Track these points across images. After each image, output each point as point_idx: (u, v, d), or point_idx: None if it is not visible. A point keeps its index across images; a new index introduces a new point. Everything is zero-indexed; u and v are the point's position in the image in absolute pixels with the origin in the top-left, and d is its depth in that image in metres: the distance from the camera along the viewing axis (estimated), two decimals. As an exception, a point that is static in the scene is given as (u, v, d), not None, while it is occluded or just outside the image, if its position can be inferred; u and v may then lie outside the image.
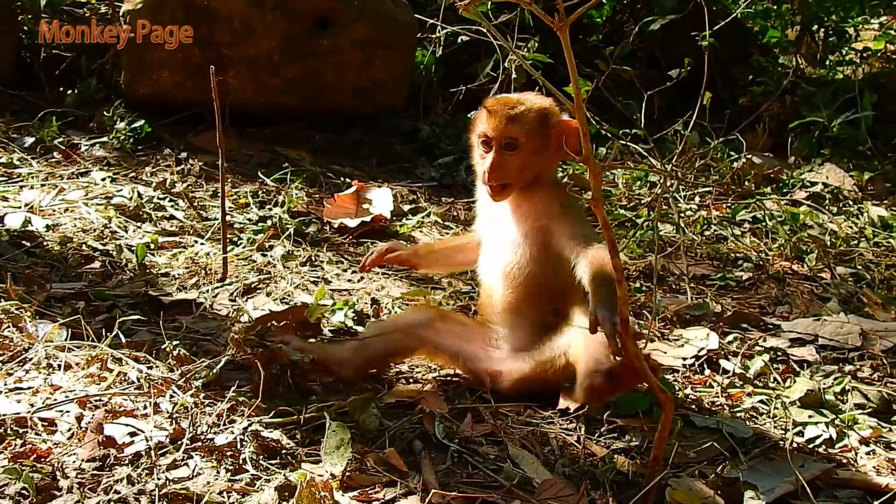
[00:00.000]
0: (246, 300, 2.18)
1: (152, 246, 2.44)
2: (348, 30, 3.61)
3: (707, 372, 2.00)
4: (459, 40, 4.10)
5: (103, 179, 3.01)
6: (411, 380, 1.87)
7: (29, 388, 1.61)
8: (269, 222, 2.67)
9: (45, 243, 2.39)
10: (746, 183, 3.63)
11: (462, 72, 4.21)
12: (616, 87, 4.81)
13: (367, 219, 2.76)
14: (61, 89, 3.94)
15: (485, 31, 3.94)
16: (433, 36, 4.13)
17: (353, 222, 2.73)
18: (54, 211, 2.64)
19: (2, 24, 3.84)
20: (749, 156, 3.89)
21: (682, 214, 3.11)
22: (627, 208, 3.25)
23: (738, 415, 1.78)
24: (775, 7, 5.47)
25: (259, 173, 3.19)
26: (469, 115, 3.95)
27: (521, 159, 1.79)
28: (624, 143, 3.92)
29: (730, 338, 2.16)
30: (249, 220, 2.75)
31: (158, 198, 2.84)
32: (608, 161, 3.85)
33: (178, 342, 1.78)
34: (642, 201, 3.35)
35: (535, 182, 1.82)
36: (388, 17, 3.65)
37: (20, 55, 3.98)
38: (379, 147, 3.70)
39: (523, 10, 3.79)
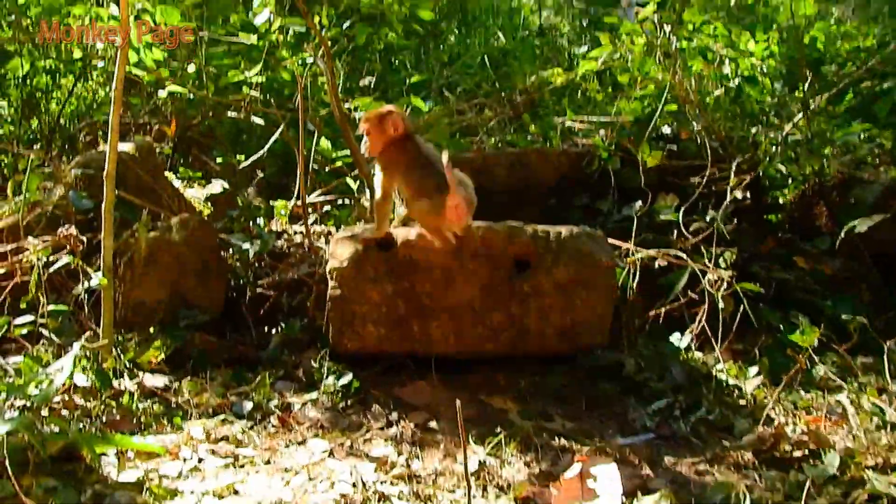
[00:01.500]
0: None
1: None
2: (548, 272, 3.60)
3: None
4: (657, 265, 4.02)
5: (323, 452, 3.04)
6: None
7: None
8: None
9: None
10: None
11: (657, 289, 4.12)
12: (815, 282, 4.58)
13: None
14: (266, 329, 4.16)
15: (680, 255, 3.97)
16: (628, 260, 4.07)
17: (584, 510, 2.59)
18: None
19: (215, 269, 4.13)
20: None
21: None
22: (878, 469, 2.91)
23: None
24: None
25: (471, 438, 3.12)
26: (670, 340, 3.84)
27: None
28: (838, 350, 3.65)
29: None
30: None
31: (381, 481, 2.81)
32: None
33: None
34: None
35: None
36: (587, 256, 3.62)
37: (228, 297, 4.23)
38: (584, 388, 3.60)
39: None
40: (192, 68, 5.80)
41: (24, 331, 3.64)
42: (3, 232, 4.17)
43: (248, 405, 3.38)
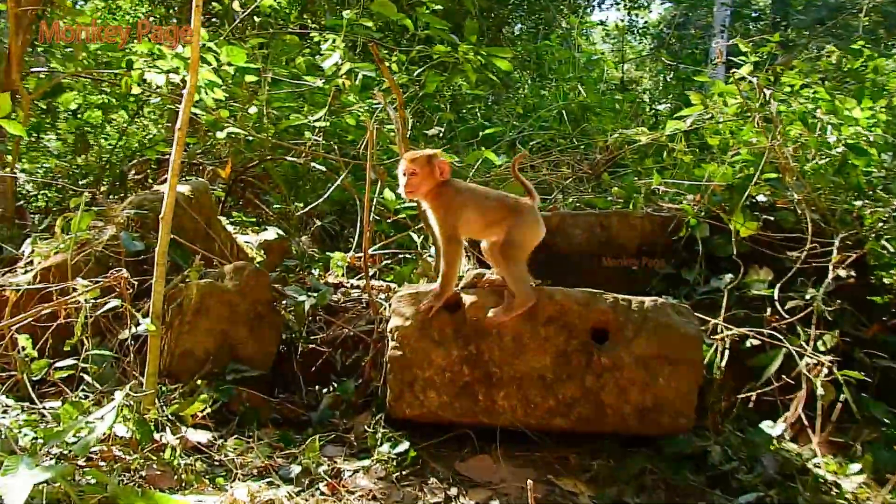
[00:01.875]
0: None
1: None
2: (628, 345, 3.61)
3: None
4: (748, 343, 3.99)
5: (373, 529, 3.05)
6: None
7: None
8: None
9: None
10: None
11: (748, 370, 4.08)
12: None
13: None
14: (317, 388, 4.22)
15: (775, 334, 3.93)
16: (716, 336, 4.05)
17: None
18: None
19: (267, 321, 4.21)
20: None
21: None
22: None
23: None
24: None
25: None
26: (762, 428, 3.78)
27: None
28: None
29: None
30: None
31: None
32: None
33: None
34: None
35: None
36: (671, 329, 3.62)
37: (279, 351, 4.31)
38: (665, 476, 3.54)
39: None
40: (253, 110, 6.01)
41: (65, 375, 3.74)
42: (51, 270, 4.29)
43: (296, 469, 3.41)
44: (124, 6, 8.97)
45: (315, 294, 4.46)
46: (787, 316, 4.18)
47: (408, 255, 5.24)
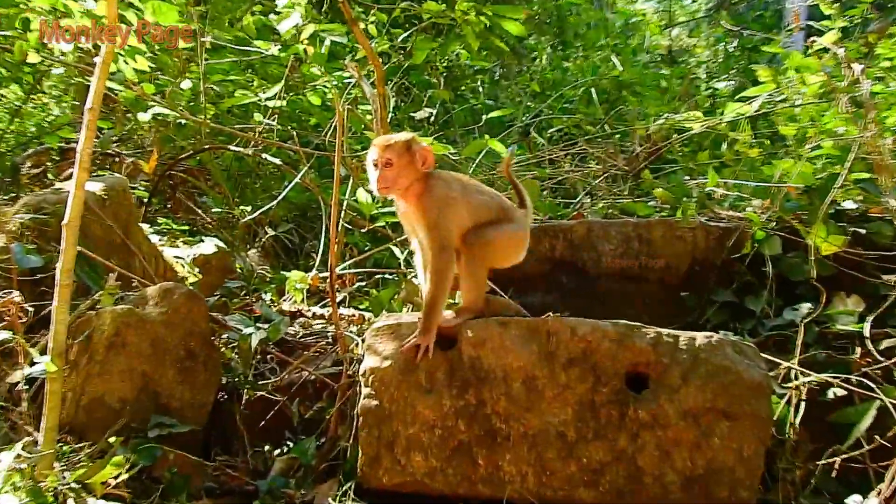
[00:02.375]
0: None
1: None
2: (674, 394, 3.62)
3: None
4: (831, 394, 4.00)
5: None
6: None
7: None
8: None
9: None
10: None
11: (830, 428, 4.07)
12: None
13: None
14: (267, 448, 4.17)
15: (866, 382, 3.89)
16: (790, 385, 4.06)
17: None
18: None
19: (203, 361, 4.22)
20: None
21: None
22: None
23: None
24: None
25: None
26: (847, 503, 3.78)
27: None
28: None
29: None
30: None
31: None
32: None
33: None
34: None
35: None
36: (731, 373, 3.63)
37: (217, 400, 4.30)
38: (721, 566, 3.54)
39: None
40: (186, 85, 5.96)
41: (-65, 429, 3.71)
42: (-80, 293, 4.26)
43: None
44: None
45: (266, 326, 4.44)
46: (881, 358, 4.15)
47: (387, 276, 5.21)
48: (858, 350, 4.28)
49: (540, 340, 3.69)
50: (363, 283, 5.30)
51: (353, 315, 4.92)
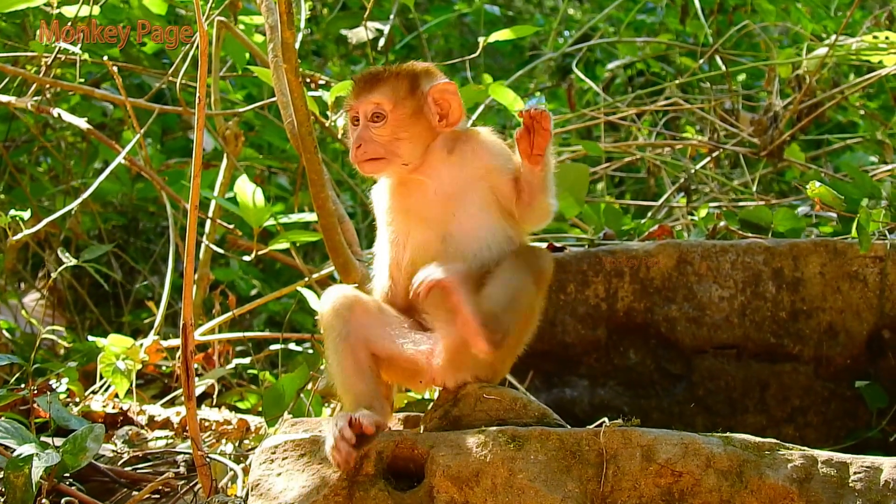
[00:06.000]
0: None
1: None
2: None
3: None
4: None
5: None
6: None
7: None
8: None
9: None
10: None
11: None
12: None
13: None
14: None
15: None
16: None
17: None
18: None
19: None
20: None
21: None
22: None
23: None
24: None
25: None
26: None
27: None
28: None
29: None
30: None
31: None
32: None
33: None
34: None
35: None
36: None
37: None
38: None
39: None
40: None
41: None
42: None
43: None
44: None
45: (60, 444, 3.45)
46: None
47: (294, 347, 4.43)
48: None
49: (584, 472, 2.86)
50: (246, 360, 4.46)
51: (227, 422, 4.24)
